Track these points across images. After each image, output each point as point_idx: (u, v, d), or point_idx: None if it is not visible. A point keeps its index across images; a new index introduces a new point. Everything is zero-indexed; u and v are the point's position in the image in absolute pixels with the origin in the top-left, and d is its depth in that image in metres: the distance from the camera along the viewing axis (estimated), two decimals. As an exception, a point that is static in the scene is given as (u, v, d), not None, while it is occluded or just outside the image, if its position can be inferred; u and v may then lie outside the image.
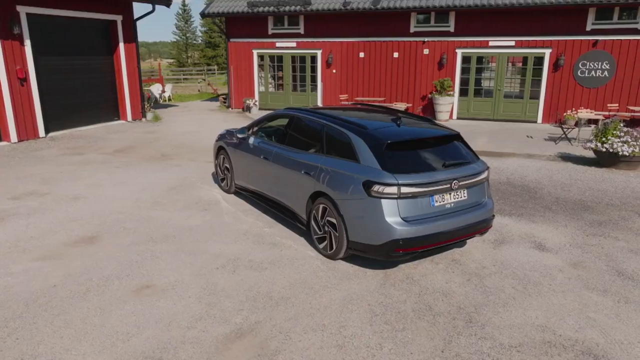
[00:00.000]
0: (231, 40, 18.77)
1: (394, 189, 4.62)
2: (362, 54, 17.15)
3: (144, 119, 16.15)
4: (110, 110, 15.24)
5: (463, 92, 16.32)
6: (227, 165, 7.61)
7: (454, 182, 4.89)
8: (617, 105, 14.30)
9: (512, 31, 15.14)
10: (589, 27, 14.43)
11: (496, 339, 3.91)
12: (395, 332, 4.01)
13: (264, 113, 18.00)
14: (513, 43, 15.26)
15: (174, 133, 13.87)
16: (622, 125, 9.77)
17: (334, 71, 17.70)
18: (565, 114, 14.61)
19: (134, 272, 5.03)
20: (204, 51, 65.45)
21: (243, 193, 7.47)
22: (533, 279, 4.98)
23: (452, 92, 16.01)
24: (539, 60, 15.17)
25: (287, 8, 16.96)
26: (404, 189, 4.64)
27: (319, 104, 18.19)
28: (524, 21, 14.93)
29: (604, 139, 9.60)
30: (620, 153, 9.28)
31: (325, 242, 5.37)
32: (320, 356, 3.67)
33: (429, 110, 16.35)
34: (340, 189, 5.02)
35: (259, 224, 6.49)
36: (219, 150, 7.91)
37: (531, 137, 13.09)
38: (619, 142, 9.37)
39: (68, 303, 4.40)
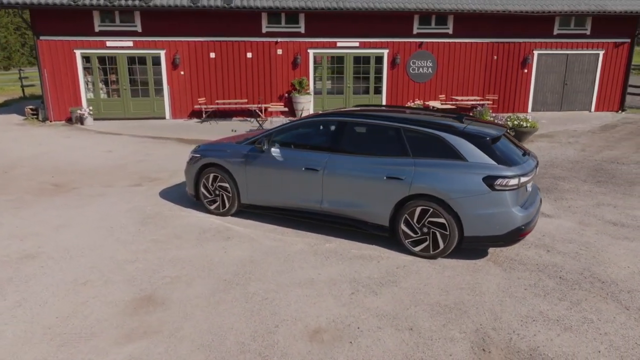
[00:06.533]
0: (42, 38, 15.37)
1: (516, 180, 5.02)
2: (212, 55, 16.31)
3: (-55, 143, 12.02)
4: None
5: (317, 90, 17.22)
6: (225, 185, 6.62)
7: (537, 168, 5.58)
8: (444, 96, 17.37)
9: (357, 33, 16.68)
10: (415, 31, 17.01)
11: (637, 290, 4.78)
12: (576, 305, 4.48)
13: (101, 124, 15.48)
14: (357, 44, 16.84)
15: (23, 157, 10.81)
16: (490, 111, 12.11)
17: (182, 73, 16.36)
18: (408, 104, 16.99)
19: (280, 321, 4.17)
20: None
21: (251, 212, 6.68)
22: (581, 240, 6.06)
23: (309, 91, 16.73)
24: (380, 59, 17.15)
25: (121, 2, 14.84)
26: (522, 179, 5.09)
27: (167, 109, 16.57)
28: (366, 24, 16.61)
29: (482, 123, 11.73)
30: (498, 134, 11.51)
31: (425, 243, 5.39)
32: (570, 343, 3.88)
33: (289, 108, 16.72)
34: (452, 188, 5.12)
35: (312, 241, 5.96)
36: (204, 168, 6.80)
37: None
38: (493, 125, 11.61)
39: (267, 377, 3.45)
